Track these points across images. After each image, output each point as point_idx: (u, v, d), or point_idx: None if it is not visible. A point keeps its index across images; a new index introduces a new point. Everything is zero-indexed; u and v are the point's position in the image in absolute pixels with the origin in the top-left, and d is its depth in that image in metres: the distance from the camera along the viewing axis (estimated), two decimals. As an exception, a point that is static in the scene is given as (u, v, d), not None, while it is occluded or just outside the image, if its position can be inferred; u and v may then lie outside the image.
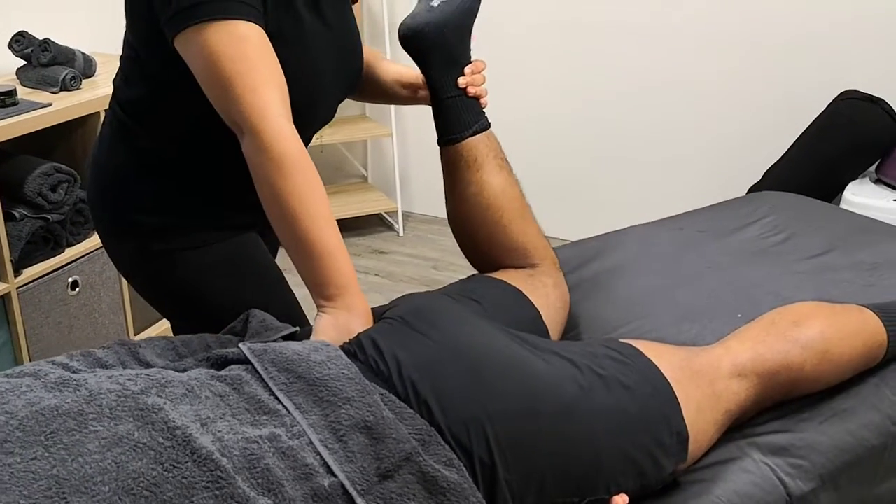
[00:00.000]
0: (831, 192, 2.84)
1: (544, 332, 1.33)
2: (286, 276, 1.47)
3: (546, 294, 1.40)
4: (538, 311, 1.35)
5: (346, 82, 1.44)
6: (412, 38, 1.45)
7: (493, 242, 1.45)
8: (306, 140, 1.33)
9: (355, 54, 1.45)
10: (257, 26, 1.18)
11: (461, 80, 1.44)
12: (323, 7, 1.33)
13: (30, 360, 2.30)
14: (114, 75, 2.49)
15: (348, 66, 1.42)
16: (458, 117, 1.45)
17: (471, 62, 1.47)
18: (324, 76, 1.34)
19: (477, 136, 1.45)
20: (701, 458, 1.21)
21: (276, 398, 0.97)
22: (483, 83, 1.48)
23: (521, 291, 1.35)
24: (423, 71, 1.48)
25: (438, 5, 1.44)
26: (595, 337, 1.47)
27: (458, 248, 1.54)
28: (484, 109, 1.49)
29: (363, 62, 1.48)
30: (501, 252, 1.45)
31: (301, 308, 1.46)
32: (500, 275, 1.41)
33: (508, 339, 1.15)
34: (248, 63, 1.16)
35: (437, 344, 1.09)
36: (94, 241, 2.44)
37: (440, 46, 1.44)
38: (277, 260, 1.54)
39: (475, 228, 1.46)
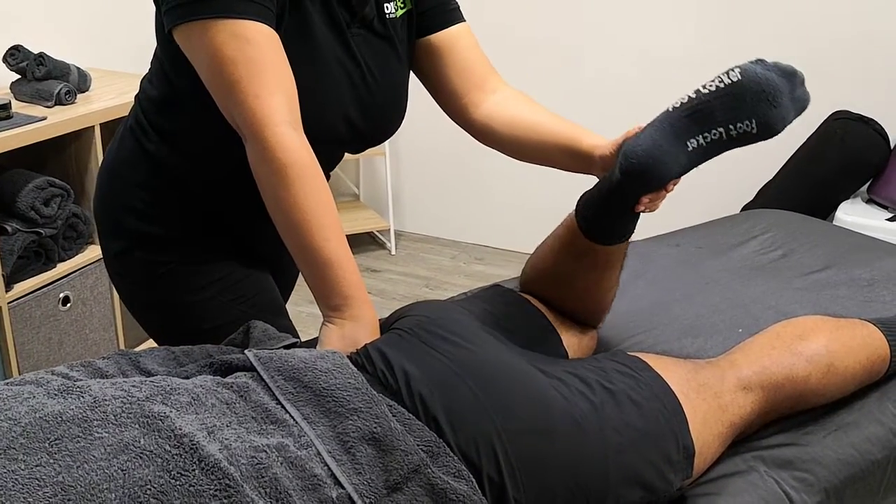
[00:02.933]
0: (824, 212, 2.85)
1: (562, 355, 1.31)
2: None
3: (578, 336, 1.38)
4: (559, 336, 1.31)
5: (367, 121, 1.32)
6: (653, 181, 1.17)
7: (564, 310, 1.39)
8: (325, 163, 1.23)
9: (385, 102, 1.33)
10: (265, 26, 1.13)
11: (645, 197, 1.22)
12: (352, 42, 1.27)
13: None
14: (108, 90, 2.52)
15: (373, 109, 1.32)
16: (618, 224, 1.27)
17: None
18: (332, 101, 1.27)
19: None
20: (707, 472, 1.20)
21: (283, 407, 0.96)
22: (661, 202, 1.26)
23: (543, 315, 1.32)
24: (623, 181, 1.20)
25: (694, 150, 1.17)
26: (599, 351, 1.46)
27: (449, 266, 1.49)
28: None
29: (398, 117, 1.38)
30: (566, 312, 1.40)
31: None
32: (539, 303, 1.36)
33: (518, 356, 1.14)
34: (251, 68, 1.12)
35: (447, 358, 1.07)
36: (87, 256, 2.42)
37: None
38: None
39: (561, 303, 1.37)
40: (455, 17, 1.40)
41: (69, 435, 0.83)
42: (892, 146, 2.86)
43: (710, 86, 1.16)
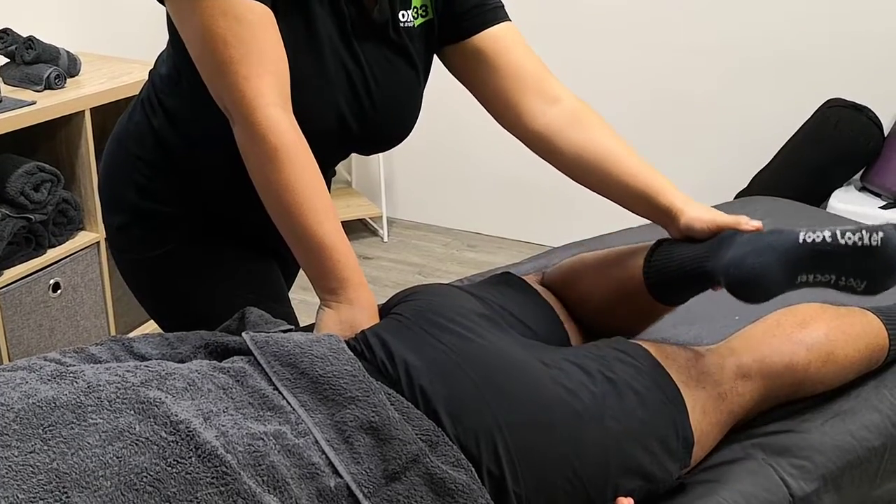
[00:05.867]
0: (817, 199, 2.85)
1: (564, 340, 1.29)
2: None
3: (585, 332, 1.35)
4: (566, 331, 1.29)
5: (361, 126, 1.27)
6: (748, 297, 1.16)
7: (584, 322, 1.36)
8: (323, 163, 1.19)
9: (386, 112, 1.28)
10: (259, 4, 1.11)
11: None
12: (355, 42, 1.23)
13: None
14: (98, 75, 2.49)
15: (371, 115, 1.27)
16: (690, 294, 1.28)
17: None
18: (326, 92, 1.23)
19: None
20: (705, 459, 1.20)
21: (280, 393, 0.95)
22: None
23: (552, 308, 1.30)
24: (722, 283, 1.17)
25: (800, 283, 1.14)
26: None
27: (442, 253, 1.45)
28: None
29: (400, 129, 1.33)
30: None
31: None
32: (546, 294, 1.33)
33: (521, 346, 1.12)
34: (242, 48, 1.09)
35: (449, 349, 1.05)
36: (77, 242, 2.40)
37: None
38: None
39: (585, 321, 1.34)
40: (498, 15, 1.31)
41: (63, 421, 0.81)
42: (885, 134, 2.86)
43: (849, 238, 1.10)
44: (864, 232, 1.11)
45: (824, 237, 1.11)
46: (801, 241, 1.12)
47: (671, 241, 1.28)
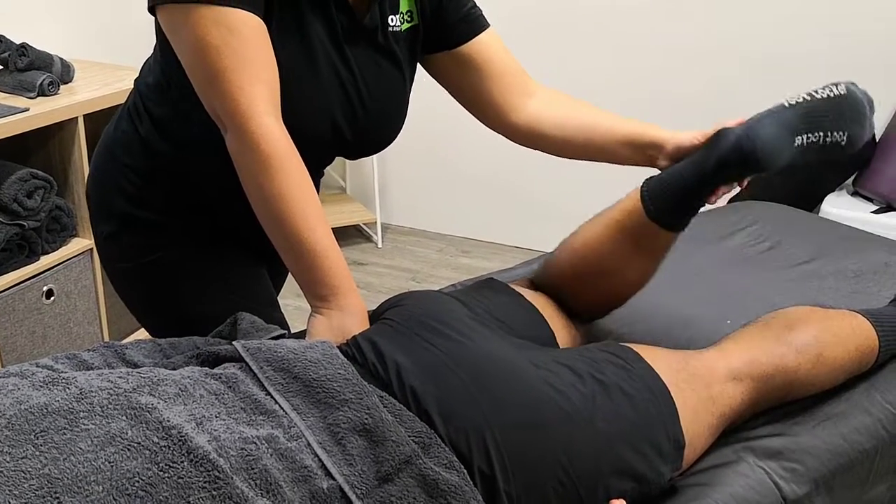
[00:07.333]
0: (810, 204, 2.86)
1: (550, 342, 1.30)
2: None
3: (570, 331, 1.37)
4: (552, 331, 1.30)
5: (354, 131, 1.29)
6: (761, 165, 1.21)
7: (577, 302, 1.38)
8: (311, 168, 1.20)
9: (377, 115, 1.31)
10: (251, 15, 1.12)
11: (723, 189, 1.29)
12: (347, 50, 1.25)
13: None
14: (91, 81, 2.49)
15: (363, 120, 1.29)
16: (689, 211, 1.31)
17: None
18: (320, 100, 1.24)
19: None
20: (697, 462, 1.20)
21: (273, 398, 0.95)
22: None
23: (537, 309, 1.31)
24: (731, 161, 1.23)
25: (797, 147, 1.22)
26: (590, 342, 1.46)
27: (436, 259, 1.46)
28: None
29: (389, 132, 1.36)
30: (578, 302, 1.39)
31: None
32: (532, 297, 1.35)
33: (510, 348, 1.13)
34: (236, 58, 1.10)
35: (440, 351, 1.06)
36: (71, 249, 2.40)
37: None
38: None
39: (584, 294, 1.37)
40: (482, 23, 1.38)
41: (55, 427, 0.81)
42: (876, 139, 2.87)
43: (822, 92, 1.23)
44: (831, 86, 1.24)
45: (803, 97, 1.24)
46: (786, 105, 1.24)
47: (660, 172, 1.34)
